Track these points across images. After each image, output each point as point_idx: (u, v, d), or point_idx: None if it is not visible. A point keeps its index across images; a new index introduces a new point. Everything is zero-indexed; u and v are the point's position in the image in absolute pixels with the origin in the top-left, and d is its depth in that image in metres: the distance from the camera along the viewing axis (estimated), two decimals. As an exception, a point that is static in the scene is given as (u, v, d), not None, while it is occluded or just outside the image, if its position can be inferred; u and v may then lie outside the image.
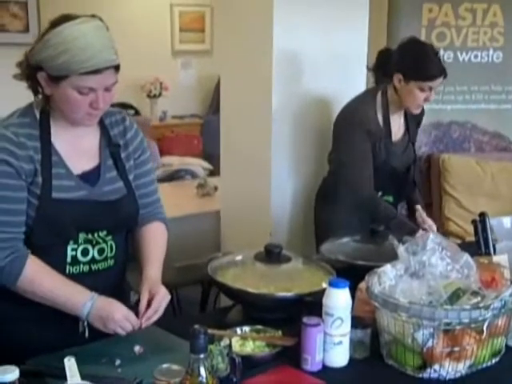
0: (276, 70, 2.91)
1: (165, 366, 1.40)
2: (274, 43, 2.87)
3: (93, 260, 1.75)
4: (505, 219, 2.55)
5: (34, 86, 1.68)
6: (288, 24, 2.90)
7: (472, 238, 3.13)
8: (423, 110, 2.79)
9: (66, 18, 1.60)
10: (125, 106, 6.91)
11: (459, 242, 3.43)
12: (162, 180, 4.61)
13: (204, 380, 1.18)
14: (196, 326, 1.21)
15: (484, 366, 1.64)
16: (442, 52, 3.82)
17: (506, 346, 1.71)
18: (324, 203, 2.84)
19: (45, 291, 1.65)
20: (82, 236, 1.71)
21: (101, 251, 1.76)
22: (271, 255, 1.90)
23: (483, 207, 3.49)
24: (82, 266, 1.73)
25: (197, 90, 7.53)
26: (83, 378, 1.44)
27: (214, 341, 1.57)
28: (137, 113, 7.09)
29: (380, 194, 2.66)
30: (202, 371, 1.19)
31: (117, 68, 1.63)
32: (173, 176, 4.68)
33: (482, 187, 3.86)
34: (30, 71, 1.64)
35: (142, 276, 1.77)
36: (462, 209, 3.84)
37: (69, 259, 1.71)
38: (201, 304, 3.82)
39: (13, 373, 1.17)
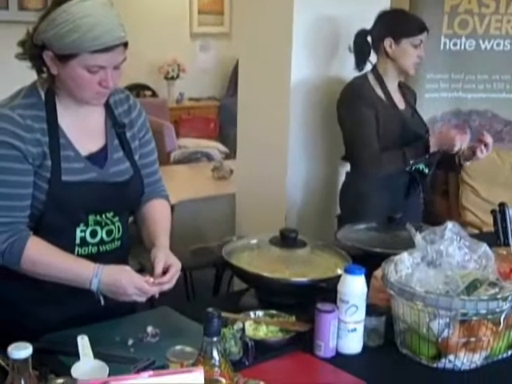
0: (295, 52, 2.88)
1: (178, 347, 1.40)
2: (293, 25, 2.84)
3: (101, 241, 1.74)
4: (523, 209, 2.51)
5: (39, 66, 1.64)
6: (309, 3, 2.86)
7: (490, 229, 3.10)
8: (414, 91, 2.91)
9: None
10: (142, 87, 6.91)
11: (476, 232, 3.41)
12: (178, 162, 4.62)
13: (217, 363, 1.17)
14: (210, 309, 1.20)
15: (500, 357, 1.62)
16: (463, 40, 3.78)
17: (524, 338, 1.69)
18: (348, 199, 2.82)
19: (48, 271, 1.63)
20: (91, 218, 1.70)
21: (109, 232, 1.75)
22: (287, 240, 1.88)
23: (501, 197, 3.45)
24: (90, 247, 1.72)
25: (214, 73, 7.50)
26: (96, 356, 1.44)
27: (228, 324, 1.56)
28: (154, 94, 7.08)
29: (412, 162, 2.64)
30: (215, 354, 1.18)
31: (125, 45, 1.60)
32: (189, 158, 4.68)
33: (501, 177, 3.83)
34: (34, 51, 1.60)
35: (156, 244, 1.74)
36: (480, 198, 3.81)
37: (78, 241, 1.70)
38: (214, 287, 3.82)
39: (26, 349, 1.16)
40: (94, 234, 1.72)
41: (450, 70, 3.79)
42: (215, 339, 1.17)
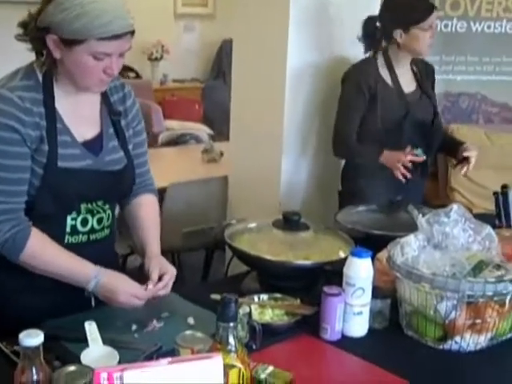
0: (292, 30, 2.83)
1: (188, 332, 1.38)
2: (290, 8, 2.79)
3: (92, 230, 1.71)
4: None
5: (39, 48, 1.60)
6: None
7: (479, 210, 3.11)
8: (432, 67, 2.87)
9: None
10: (125, 68, 6.82)
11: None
12: (165, 144, 4.58)
13: (233, 348, 1.16)
14: (226, 294, 1.18)
15: (504, 338, 1.63)
16: (455, 21, 3.78)
17: (526, 319, 1.70)
18: (350, 176, 2.83)
19: (47, 266, 1.60)
20: (83, 206, 1.67)
21: (100, 221, 1.72)
22: (289, 222, 1.87)
23: (490, 179, 3.48)
24: (81, 236, 1.69)
25: (198, 55, 7.43)
26: (103, 342, 1.42)
27: (234, 308, 1.55)
28: (137, 76, 7.00)
29: (409, 148, 2.64)
30: (231, 340, 1.16)
31: (132, 33, 1.56)
32: (177, 140, 4.63)
33: (490, 159, 3.83)
34: (37, 33, 1.55)
35: (147, 253, 1.74)
36: (469, 180, 3.82)
37: (68, 229, 1.67)
38: (204, 270, 3.81)
39: (37, 337, 1.14)
40: (84, 222, 1.69)
41: (440, 52, 3.79)
42: (232, 325, 1.16)
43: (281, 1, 2.84)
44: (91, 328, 1.43)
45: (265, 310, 1.66)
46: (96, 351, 1.37)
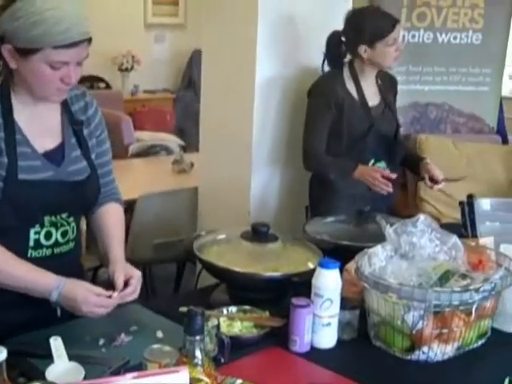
0: (261, 41, 2.85)
1: (155, 346, 1.36)
2: (258, 24, 2.82)
3: (56, 243, 1.68)
4: (484, 201, 2.55)
5: None
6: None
7: (448, 220, 3.15)
8: (395, 79, 2.91)
9: None
10: (96, 79, 6.79)
11: (435, 223, 3.45)
12: (136, 155, 4.57)
13: (200, 362, 1.15)
14: (192, 307, 1.18)
15: (470, 348, 1.64)
16: (422, 32, 3.83)
17: (492, 328, 1.71)
18: (317, 188, 2.84)
19: (7, 279, 1.57)
20: (47, 219, 1.64)
21: (64, 234, 1.69)
22: (258, 234, 1.87)
23: (458, 189, 3.50)
24: (44, 249, 1.66)
25: (169, 65, 7.42)
26: (69, 358, 1.40)
27: (202, 321, 1.54)
28: (108, 86, 6.96)
29: (372, 161, 2.65)
30: (198, 353, 1.16)
31: (89, 41, 1.55)
32: (147, 151, 4.63)
33: (458, 169, 3.88)
34: None
35: (111, 259, 1.70)
36: (437, 190, 3.84)
37: (31, 243, 1.64)
38: (175, 282, 3.79)
39: (0, 354, 1.12)
40: (48, 235, 1.66)
41: (408, 63, 3.83)
42: (198, 338, 1.15)
43: (250, 12, 2.85)
44: (56, 343, 1.41)
45: (233, 322, 1.66)
46: (61, 367, 1.35)
